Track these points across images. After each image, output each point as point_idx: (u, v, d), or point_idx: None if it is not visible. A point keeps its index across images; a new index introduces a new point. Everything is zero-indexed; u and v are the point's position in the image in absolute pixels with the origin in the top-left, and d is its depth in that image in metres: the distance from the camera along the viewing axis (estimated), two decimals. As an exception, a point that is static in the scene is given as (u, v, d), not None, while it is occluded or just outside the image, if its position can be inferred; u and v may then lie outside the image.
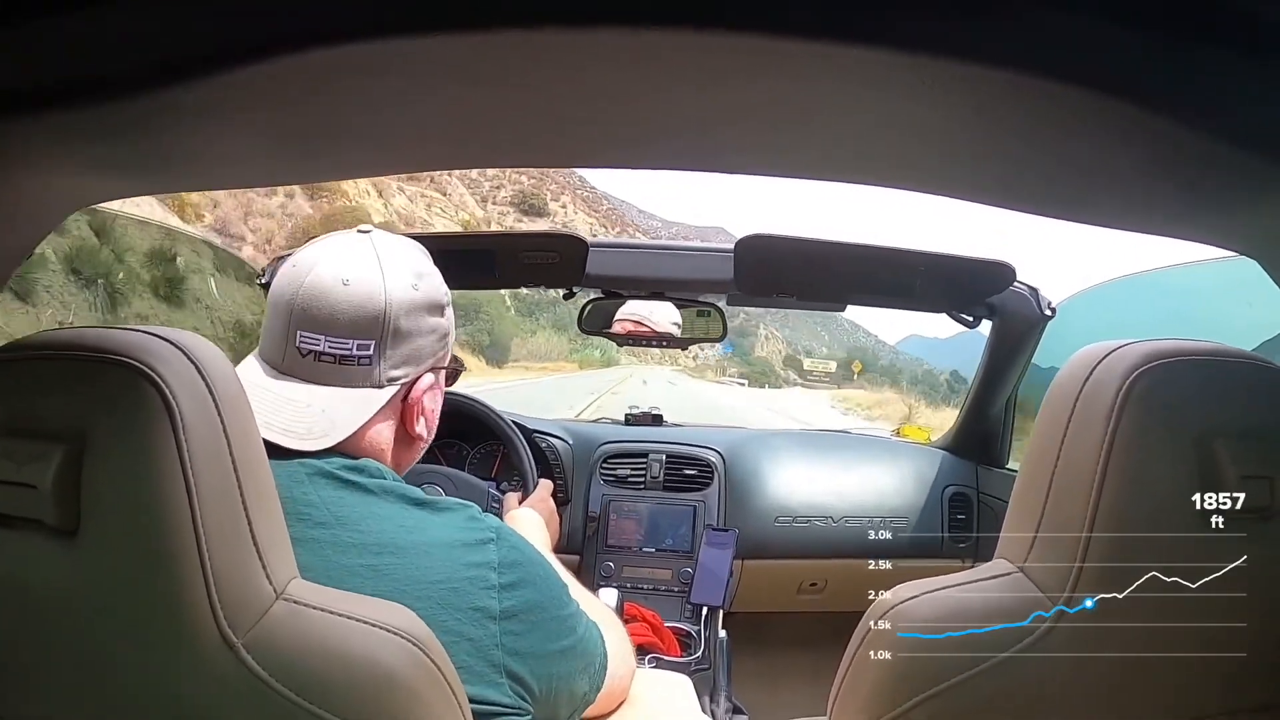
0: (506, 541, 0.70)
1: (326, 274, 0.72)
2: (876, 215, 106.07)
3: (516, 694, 0.67)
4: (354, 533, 0.65)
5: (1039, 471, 0.53)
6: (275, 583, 0.51)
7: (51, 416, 0.48)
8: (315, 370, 0.72)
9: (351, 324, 0.71)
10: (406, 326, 0.73)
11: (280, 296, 0.73)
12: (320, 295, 0.71)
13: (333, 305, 0.71)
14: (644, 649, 1.45)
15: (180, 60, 0.45)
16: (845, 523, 1.65)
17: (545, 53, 0.46)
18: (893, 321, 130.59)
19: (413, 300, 0.74)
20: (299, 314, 0.71)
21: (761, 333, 62.41)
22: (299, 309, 0.71)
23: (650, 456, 1.73)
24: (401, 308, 0.73)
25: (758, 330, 59.98)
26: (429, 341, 0.76)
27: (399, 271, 0.74)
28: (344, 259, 0.73)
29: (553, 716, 0.74)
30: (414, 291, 0.74)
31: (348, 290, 0.71)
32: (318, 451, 0.69)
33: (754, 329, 58.76)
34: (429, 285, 0.76)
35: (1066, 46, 0.43)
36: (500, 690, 0.66)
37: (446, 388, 0.83)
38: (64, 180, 0.63)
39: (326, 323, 0.71)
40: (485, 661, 0.65)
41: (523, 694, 0.68)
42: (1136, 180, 0.57)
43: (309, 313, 0.71)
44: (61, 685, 0.51)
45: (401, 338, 0.73)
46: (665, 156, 0.68)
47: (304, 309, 0.71)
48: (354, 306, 0.71)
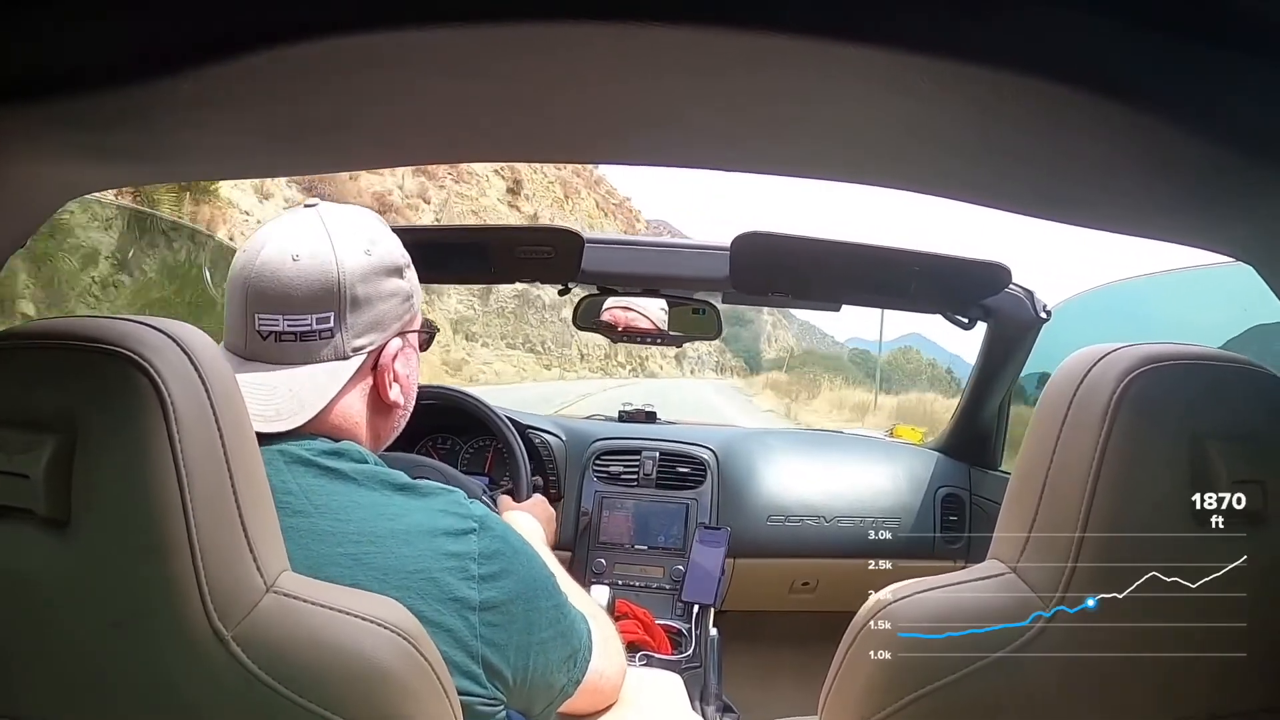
0: (489, 531, 0.70)
1: (275, 252, 0.71)
2: (877, 216, 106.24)
3: (493, 685, 0.67)
4: (333, 521, 0.65)
5: (1033, 473, 0.53)
6: (266, 575, 0.51)
7: (43, 406, 0.48)
8: (278, 351, 0.71)
9: (307, 299, 0.71)
10: (364, 293, 0.73)
11: (235, 282, 0.72)
12: (271, 274, 0.70)
13: (285, 283, 0.70)
14: (635, 646, 1.45)
15: (175, 50, 0.45)
16: (838, 523, 1.65)
17: (544, 47, 0.46)
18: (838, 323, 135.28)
19: (367, 266, 0.73)
20: (254, 297, 0.71)
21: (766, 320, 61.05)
22: (253, 292, 0.71)
23: (643, 454, 1.73)
24: (356, 275, 0.72)
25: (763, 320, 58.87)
26: (391, 305, 0.75)
27: (349, 239, 0.73)
28: (291, 235, 0.72)
29: (527, 708, 0.74)
30: (367, 257, 0.73)
31: (298, 265, 0.70)
32: (296, 434, 0.69)
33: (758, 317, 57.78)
34: (383, 249, 0.75)
35: (1065, 48, 0.43)
36: (477, 681, 0.66)
37: (422, 351, 0.82)
38: (59, 169, 0.62)
39: (281, 301, 0.70)
40: (463, 652, 0.65)
41: (498, 685, 0.68)
42: (1133, 183, 0.57)
43: (263, 294, 0.71)
44: (52, 675, 0.50)
45: (361, 305, 0.73)
46: (661, 153, 0.68)
47: (258, 291, 0.71)
48: (307, 281, 0.70)
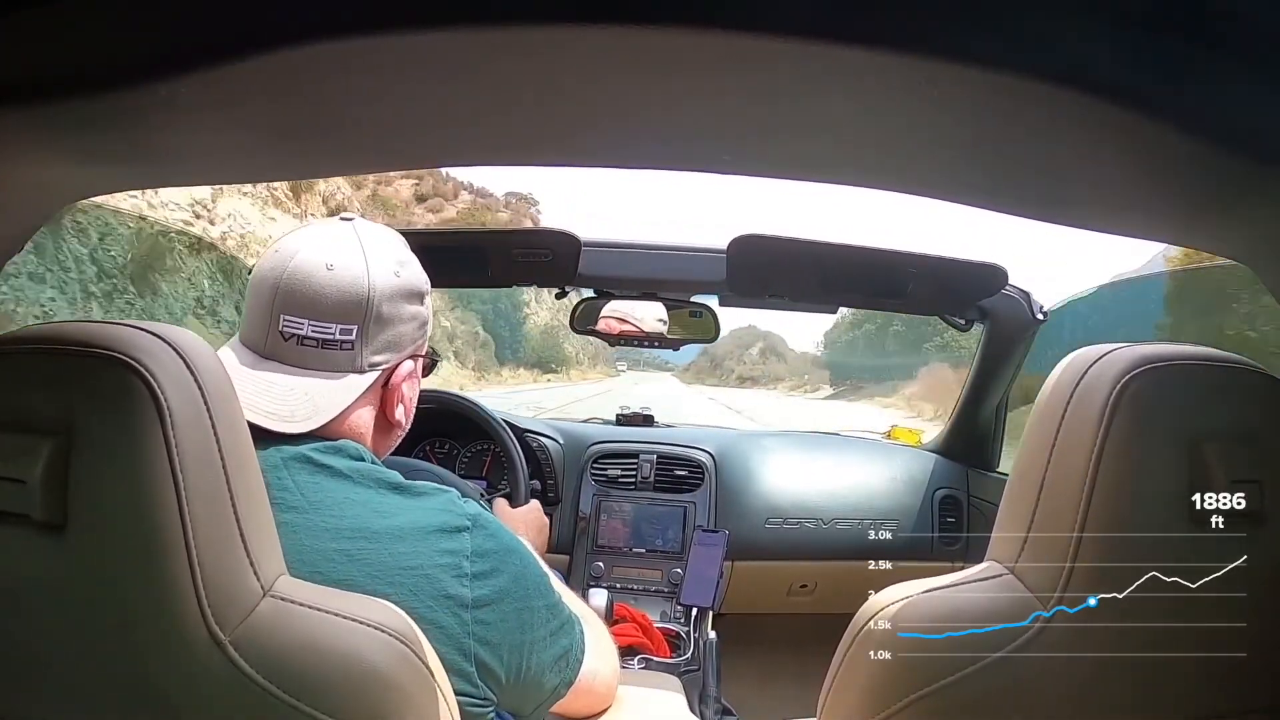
0: (483, 529, 0.70)
1: (311, 258, 0.72)
2: (877, 218, 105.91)
3: (485, 684, 0.67)
4: (328, 517, 0.65)
5: (1030, 474, 0.53)
6: (263, 579, 0.51)
7: (39, 411, 0.47)
8: (297, 354, 0.72)
9: (335, 308, 0.71)
10: (388, 312, 0.74)
11: (263, 280, 0.73)
12: (304, 279, 0.71)
13: (317, 289, 0.71)
14: (633, 650, 1.45)
15: (172, 54, 0.45)
16: (836, 525, 1.65)
17: (537, 51, 0.46)
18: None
19: (395, 286, 0.74)
20: (283, 297, 0.71)
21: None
22: (283, 292, 0.71)
23: (641, 457, 1.73)
24: (384, 294, 0.73)
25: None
26: (410, 328, 0.77)
27: (382, 258, 0.74)
28: (328, 244, 0.73)
29: (519, 708, 0.74)
30: (396, 278, 0.75)
31: (332, 274, 0.71)
32: (297, 436, 0.69)
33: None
34: (410, 273, 0.77)
35: (1062, 50, 0.43)
36: (469, 680, 0.66)
37: (424, 377, 0.84)
38: (57, 173, 0.62)
39: (310, 306, 0.71)
40: (456, 650, 0.65)
41: (490, 684, 0.68)
42: (1129, 184, 0.57)
43: (293, 296, 0.71)
44: (48, 680, 0.50)
45: (383, 323, 0.74)
46: (655, 156, 0.68)
47: (288, 292, 0.71)
48: (338, 291, 0.71)
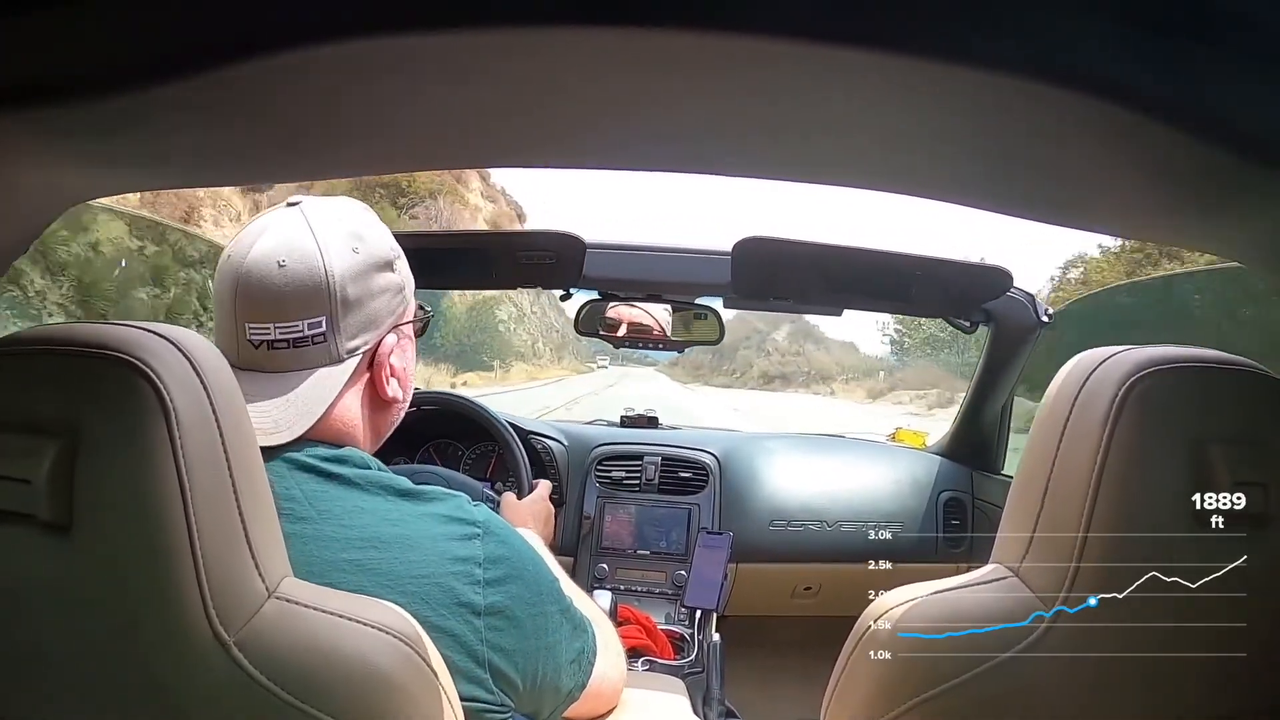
0: (494, 535, 0.69)
1: (260, 258, 0.68)
2: (878, 219, 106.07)
3: (501, 690, 0.67)
4: (337, 527, 0.64)
5: (1035, 475, 0.53)
6: (268, 581, 0.51)
7: (45, 411, 0.48)
8: (270, 359, 0.69)
9: (297, 305, 0.68)
10: (355, 293, 0.70)
11: (223, 287, 0.70)
12: (259, 282, 0.68)
13: (275, 291, 0.68)
14: (637, 652, 1.45)
15: (177, 56, 0.45)
16: (840, 527, 1.65)
17: (538, 52, 0.46)
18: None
19: (356, 265, 0.70)
20: (243, 304, 0.68)
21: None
22: (241, 299, 0.68)
23: (645, 459, 1.73)
24: (346, 275, 0.69)
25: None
26: (383, 301, 0.73)
27: (335, 238, 0.70)
28: (276, 238, 0.69)
29: (536, 712, 0.73)
30: (355, 255, 0.71)
31: (285, 272, 0.68)
32: (296, 442, 0.67)
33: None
34: (371, 244, 0.72)
35: (1063, 50, 0.43)
36: (484, 686, 0.65)
37: (418, 337, 0.81)
38: (62, 175, 0.62)
39: (271, 309, 0.68)
40: (469, 657, 0.64)
41: (506, 690, 0.67)
42: (1132, 186, 0.57)
43: (252, 302, 0.68)
44: (53, 680, 0.50)
45: (353, 306, 0.70)
46: (657, 158, 0.68)
47: (246, 299, 0.68)
48: (295, 287, 0.68)
